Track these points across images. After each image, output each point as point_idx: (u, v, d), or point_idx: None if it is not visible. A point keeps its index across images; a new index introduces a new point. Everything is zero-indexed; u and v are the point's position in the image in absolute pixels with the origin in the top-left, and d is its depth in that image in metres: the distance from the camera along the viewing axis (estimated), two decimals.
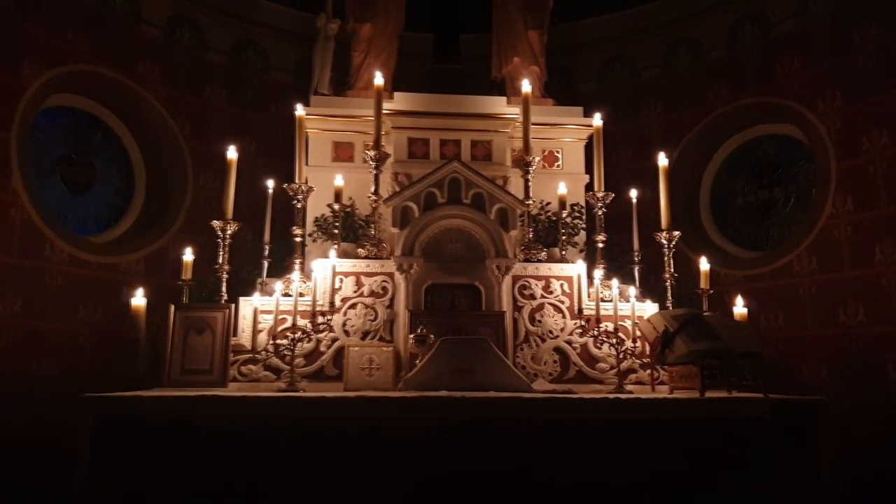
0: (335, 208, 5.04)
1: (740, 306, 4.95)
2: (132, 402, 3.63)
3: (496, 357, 4.23)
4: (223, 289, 4.73)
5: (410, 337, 4.37)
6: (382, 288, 4.80)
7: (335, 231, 5.02)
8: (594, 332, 4.55)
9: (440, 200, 4.82)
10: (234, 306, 4.60)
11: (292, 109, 5.31)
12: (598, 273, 4.87)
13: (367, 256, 4.89)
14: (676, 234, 5.05)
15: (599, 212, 5.12)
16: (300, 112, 5.18)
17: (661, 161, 5.18)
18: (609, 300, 4.60)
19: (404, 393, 3.93)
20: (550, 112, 5.87)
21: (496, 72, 6.22)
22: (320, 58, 6.05)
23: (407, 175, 5.37)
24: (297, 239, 4.97)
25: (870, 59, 5.69)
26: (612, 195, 5.15)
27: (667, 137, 6.79)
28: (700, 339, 4.06)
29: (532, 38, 6.06)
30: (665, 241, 5.02)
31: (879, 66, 5.62)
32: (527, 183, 5.10)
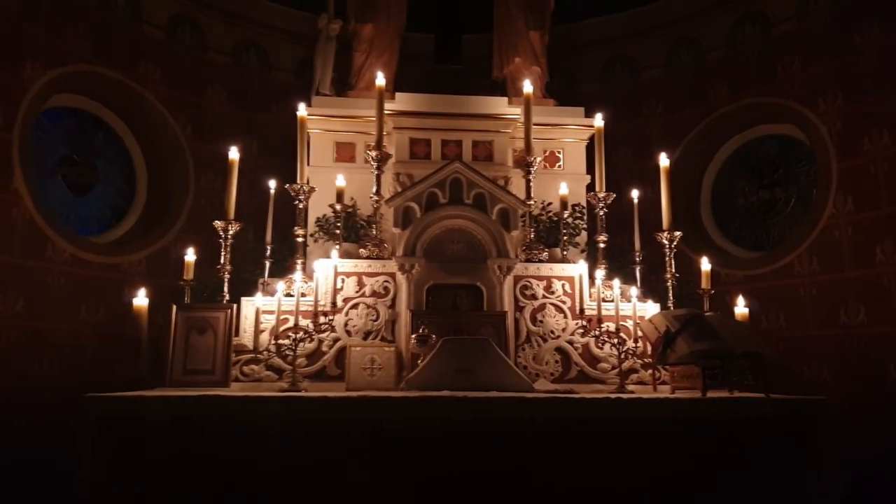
0: (337, 208, 5.04)
1: (741, 306, 4.95)
2: (134, 402, 3.62)
3: (498, 357, 4.23)
4: (225, 289, 4.73)
5: (412, 337, 4.37)
6: (384, 288, 4.81)
7: (337, 231, 5.01)
8: (596, 333, 4.55)
9: (442, 201, 4.83)
10: (235, 306, 4.61)
11: (293, 109, 5.31)
12: (600, 273, 4.87)
13: (368, 256, 4.90)
14: (678, 235, 5.05)
15: (601, 212, 5.12)
16: (302, 112, 5.17)
17: (662, 162, 5.18)
18: (610, 300, 4.61)
19: (406, 393, 3.93)
20: (552, 112, 5.88)
21: (497, 72, 6.23)
22: (322, 58, 6.07)
23: (408, 175, 5.38)
24: (299, 239, 4.97)
25: (871, 60, 5.70)
26: (614, 195, 5.15)
27: (668, 138, 6.80)
28: (702, 339, 4.06)
29: (533, 38, 6.08)
30: (666, 242, 5.02)
31: (880, 67, 5.63)
32: (528, 183, 5.10)
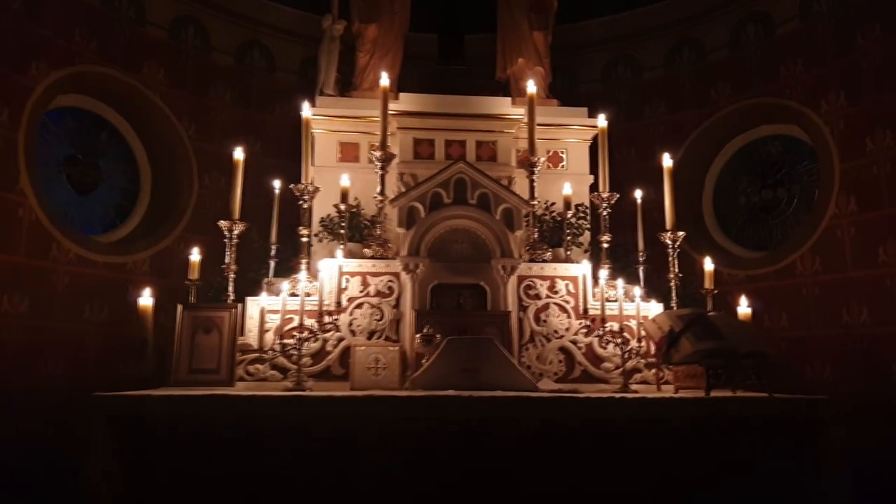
0: (341, 208, 5.05)
1: (744, 306, 4.95)
2: (141, 401, 3.64)
3: (502, 357, 4.25)
4: (230, 288, 4.74)
5: (417, 336, 4.39)
6: (388, 288, 4.82)
7: (341, 231, 5.02)
8: (599, 332, 4.58)
9: (446, 201, 4.84)
10: (241, 306, 4.62)
11: (297, 110, 5.32)
12: (603, 273, 4.88)
13: (373, 256, 4.91)
14: (681, 235, 5.07)
15: (604, 212, 5.14)
16: (306, 113, 5.18)
17: (665, 162, 5.19)
18: (614, 300, 4.64)
19: (411, 392, 3.94)
20: (555, 113, 5.88)
21: (501, 72, 6.24)
22: (326, 58, 6.08)
23: (412, 175, 5.39)
24: (304, 239, 4.98)
25: (873, 60, 5.71)
26: (617, 195, 5.16)
27: (670, 138, 6.81)
28: (705, 338, 4.08)
29: (536, 39, 6.08)
30: (669, 242, 5.03)
31: (882, 67, 5.65)
32: (532, 183, 5.11)
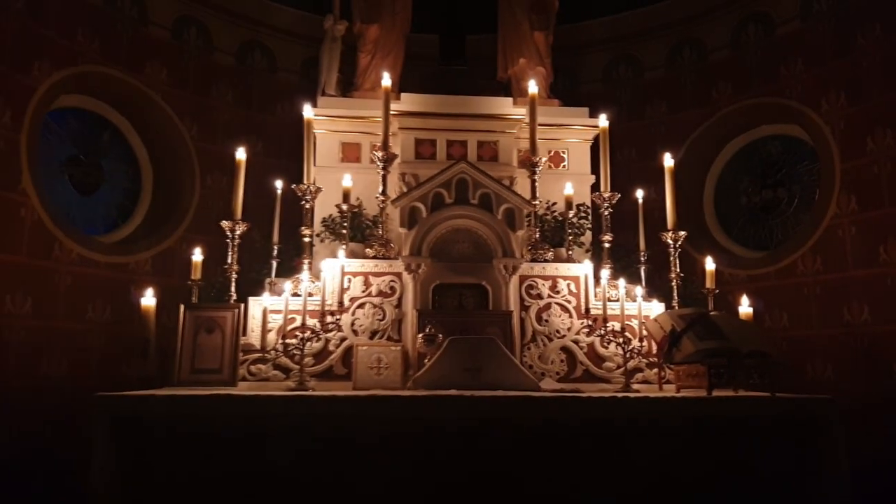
0: (343, 208, 5.06)
1: (746, 306, 4.96)
2: (144, 401, 3.64)
3: (504, 356, 4.26)
4: (232, 288, 4.75)
5: (419, 336, 4.39)
6: (390, 288, 4.83)
7: (343, 231, 5.04)
8: (601, 332, 4.59)
9: (448, 201, 4.85)
10: (243, 306, 4.63)
11: (299, 110, 5.33)
12: (605, 273, 4.90)
13: (375, 256, 4.92)
14: (682, 234, 5.08)
15: (605, 212, 5.15)
16: (308, 114, 5.19)
17: (666, 162, 5.20)
18: (616, 300, 4.65)
19: (414, 392, 3.95)
20: (556, 113, 5.90)
21: (502, 73, 6.26)
22: (327, 59, 6.09)
23: (414, 175, 5.41)
24: (306, 239, 4.99)
25: (873, 60, 5.72)
26: (619, 195, 5.18)
27: (671, 138, 6.82)
28: (707, 338, 4.08)
29: (538, 39, 6.10)
30: (671, 241, 5.05)
31: (883, 67, 5.65)
32: (533, 183, 5.13)
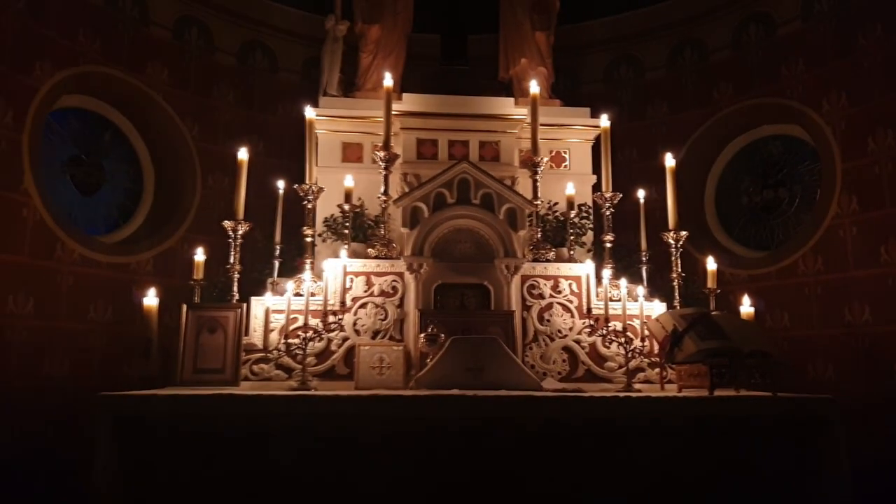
0: (345, 208, 5.07)
1: (747, 306, 4.95)
2: (147, 400, 3.64)
3: (507, 356, 4.26)
4: (234, 288, 4.76)
5: (421, 336, 4.39)
6: (392, 287, 4.83)
7: (345, 231, 5.04)
8: (602, 332, 4.59)
9: (449, 201, 4.84)
10: (245, 306, 4.64)
11: (300, 110, 5.33)
12: (607, 272, 4.90)
13: (377, 256, 4.92)
14: (684, 234, 5.08)
15: (607, 212, 5.15)
16: (310, 114, 5.19)
17: (668, 162, 5.21)
18: (617, 299, 4.65)
19: (416, 391, 3.95)
20: (558, 113, 5.91)
21: (503, 73, 6.26)
22: (329, 59, 6.09)
23: (416, 175, 5.41)
24: (308, 239, 5.00)
25: (874, 60, 5.73)
26: (620, 195, 5.18)
27: (672, 138, 6.83)
28: (709, 338, 4.09)
29: (539, 39, 6.10)
30: (672, 241, 5.05)
31: (884, 67, 5.66)
32: (535, 183, 5.13)
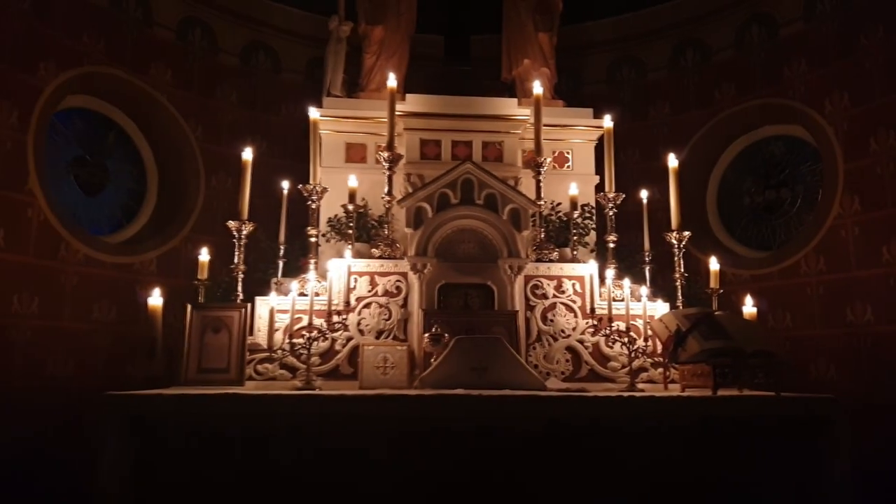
0: (349, 209, 5.08)
1: (749, 306, 4.97)
2: (152, 400, 3.66)
3: (510, 356, 4.28)
4: (239, 288, 4.77)
5: (425, 336, 4.42)
6: (396, 287, 4.85)
7: (349, 231, 5.06)
8: (606, 331, 4.60)
9: (453, 201, 4.86)
10: (250, 306, 4.65)
11: (303, 110, 5.34)
12: (610, 273, 4.91)
13: (381, 256, 4.94)
14: (686, 235, 5.09)
15: (610, 212, 5.16)
16: (314, 115, 5.20)
17: (671, 162, 5.21)
18: (620, 299, 4.66)
19: (421, 391, 3.97)
20: (560, 113, 5.92)
21: (506, 73, 6.27)
22: (332, 60, 6.10)
23: (419, 176, 5.42)
24: (312, 239, 5.01)
25: (876, 61, 5.73)
26: (623, 196, 5.19)
27: (674, 138, 6.82)
28: (713, 337, 4.10)
29: (542, 40, 6.11)
30: (675, 242, 5.06)
31: (886, 68, 5.66)
32: (538, 183, 5.13)
